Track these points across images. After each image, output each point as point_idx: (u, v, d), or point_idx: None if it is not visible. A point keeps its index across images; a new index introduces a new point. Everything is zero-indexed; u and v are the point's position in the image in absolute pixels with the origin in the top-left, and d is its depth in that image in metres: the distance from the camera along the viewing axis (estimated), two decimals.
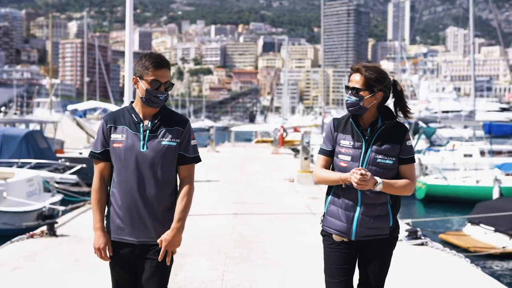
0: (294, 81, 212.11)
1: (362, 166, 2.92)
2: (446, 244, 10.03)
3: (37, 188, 12.59)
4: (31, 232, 7.00)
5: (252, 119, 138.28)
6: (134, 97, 3.12)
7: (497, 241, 10.47)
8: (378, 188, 2.86)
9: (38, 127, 21.53)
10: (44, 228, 7.07)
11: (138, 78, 2.86)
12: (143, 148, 2.81)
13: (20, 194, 11.34)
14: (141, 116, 2.88)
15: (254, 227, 7.95)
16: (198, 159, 2.93)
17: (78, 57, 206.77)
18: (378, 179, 2.86)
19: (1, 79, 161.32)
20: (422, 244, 6.84)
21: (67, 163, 16.15)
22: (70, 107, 31.68)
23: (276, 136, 30.77)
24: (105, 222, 2.89)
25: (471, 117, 27.18)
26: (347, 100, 2.97)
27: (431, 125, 26.75)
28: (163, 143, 2.83)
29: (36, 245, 6.51)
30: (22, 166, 14.63)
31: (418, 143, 23.38)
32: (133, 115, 2.88)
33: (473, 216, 11.58)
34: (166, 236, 2.80)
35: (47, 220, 10.43)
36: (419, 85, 69.47)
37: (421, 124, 25.29)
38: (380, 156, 2.91)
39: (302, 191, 12.30)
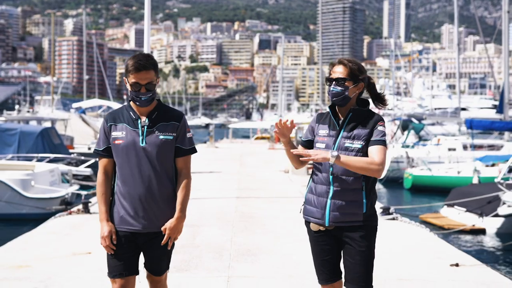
0: (290, 79, 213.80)
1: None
2: (426, 224, 11.50)
3: (57, 179, 13.99)
4: (69, 210, 8.42)
5: (248, 116, 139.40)
6: None
7: (468, 219, 12.05)
8: (333, 157, 2.89)
9: (49, 124, 22.90)
10: (80, 206, 8.48)
11: (126, 78, 3.02)
12: (142, 143, 2.97)
13: (45, 183, 12.75)
14: (138, 113, 3.04)
15: (254, 207, 9.39)
16: (194, 151, 3.11)
17: (74, 54, 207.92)
18: (334, 152, 2.93)
19: None
20: (393, 219, 8.29)
21: (82, 157, 17.54)
22: (75, 105, 33.05)
23: (272, 133, 32.17)
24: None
25: (457, 113, 28.72)
26: (332, 91, 3.04)
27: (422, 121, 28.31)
28: (161, 137, 2.98)
29: (75, 220, 7.94)
30: (40, 160, 16.00)
31: (408, 138, 25.05)
32: (131, 112, 3.04)
33: (450, 201, 13.11)
34: (169, 224, 2.99)
35: (69, 205, 11.94)
36: (413, 82, 70.84)
37: (414, 120, 26.95)
38: (348, 141, 3.00)
39: (296, 180, 13.73)
